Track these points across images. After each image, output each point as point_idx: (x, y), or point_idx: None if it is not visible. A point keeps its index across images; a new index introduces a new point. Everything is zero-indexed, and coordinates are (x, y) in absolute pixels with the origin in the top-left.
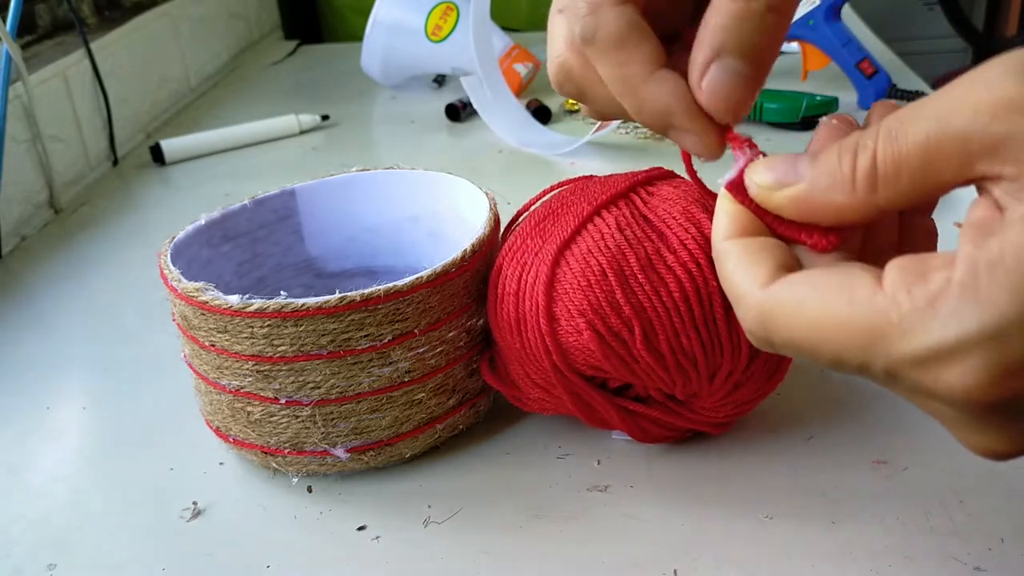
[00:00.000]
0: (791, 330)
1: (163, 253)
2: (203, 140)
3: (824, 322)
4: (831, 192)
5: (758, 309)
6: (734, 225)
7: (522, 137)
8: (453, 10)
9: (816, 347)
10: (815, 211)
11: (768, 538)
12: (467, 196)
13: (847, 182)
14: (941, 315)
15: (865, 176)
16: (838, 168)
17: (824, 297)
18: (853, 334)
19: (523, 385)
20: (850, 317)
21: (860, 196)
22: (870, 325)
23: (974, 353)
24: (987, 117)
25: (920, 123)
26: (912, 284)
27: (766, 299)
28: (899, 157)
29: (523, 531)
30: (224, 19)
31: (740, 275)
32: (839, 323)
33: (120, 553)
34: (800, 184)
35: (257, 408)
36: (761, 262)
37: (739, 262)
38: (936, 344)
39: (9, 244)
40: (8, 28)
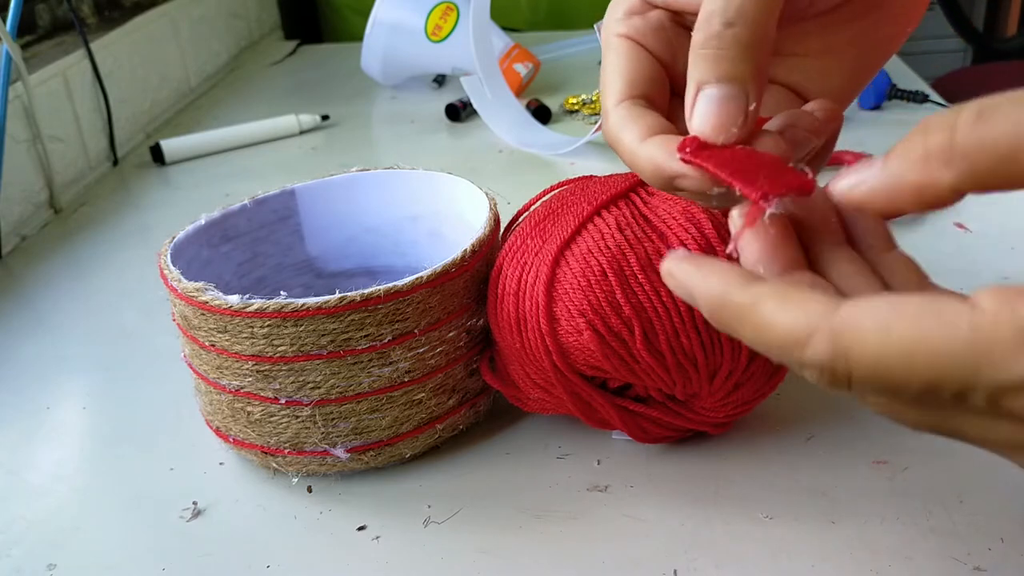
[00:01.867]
0: (879, 359)
1: (163, 253)
2: (203, 140)
3: (919, 347)
4: (905, 173)
5: (832, 339)
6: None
7: (522, 137)
8: (453, 10)
9: (909, 375)
10: (889, 198)
11: (768, 538)
12: (467, 196)
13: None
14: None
15: (941, 151)
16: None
17: (914, 319)
18: (956, 357)
19: (523, 385)
20: (950, 340)
21: (933, 171)
22: (974, 346)
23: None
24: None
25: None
26: (1016, 303)
27: (841, 327)
28: (983, 136)
29: (523, 531)
30: (224, 19)
31: (789, 314)
32: (937, 347)
33: (120, 553)
34: (877, 173)
35: (257, 408)
36: (812, 296)
37: (782, 304)
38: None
39: (9, 244)
40: (8, 28)
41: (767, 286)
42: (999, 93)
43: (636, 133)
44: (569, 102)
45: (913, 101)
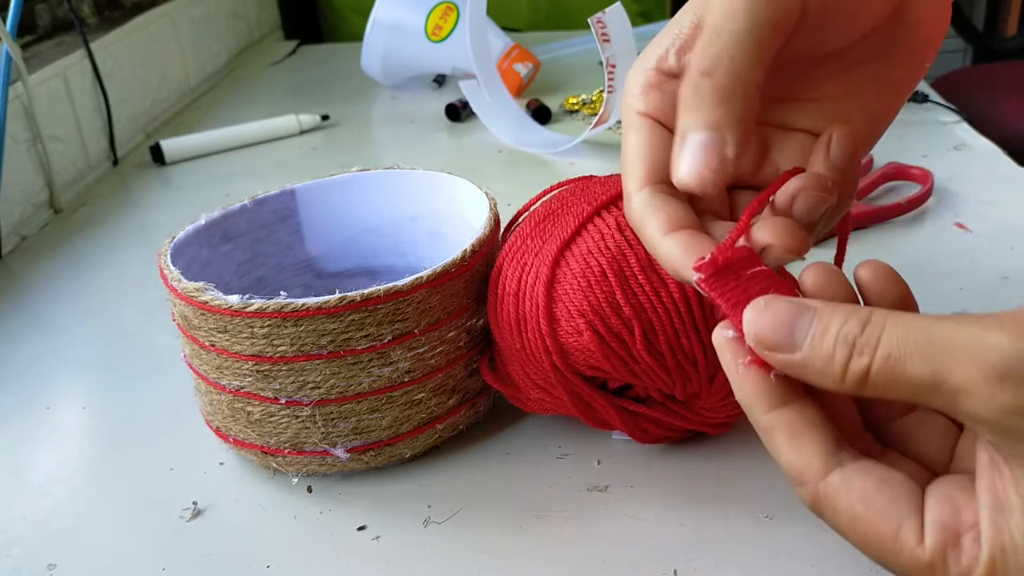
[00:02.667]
0: (844, 531)
1: (163, 253)
2: (203, 140)
3: (874, 544)
4: (822, 377)
5: (814, 498)
6: (770, 396)
7: (521, 138)
8: (453, 10)
9: (863, 550)
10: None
11: (768, 538)
12: (467, 196)
13: (838, 376)
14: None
15: (855, 380)
16: (832, 360)
17: (875, 524)
18: (900, 568)
19: (523, 385)
20: (898, 556)
21: (847, 390)
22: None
23: None
24: (981, 402)
25: (918, 364)
26: (948, 550)
27: (824, 493)
28: (892, 380)
29: (523, 531)
30: (224, 19)
31: (794, 458)
32: (887, 553)
33: (120, 553)
34: (795, 356)
35: (257, 408)
36: (814, 446)
37: (790, 444)
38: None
39: (9, 244)
40: (8, 28)
41: (783, 418)
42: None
43: (658, 224)
44: (569, 102)
45: (913, 101)
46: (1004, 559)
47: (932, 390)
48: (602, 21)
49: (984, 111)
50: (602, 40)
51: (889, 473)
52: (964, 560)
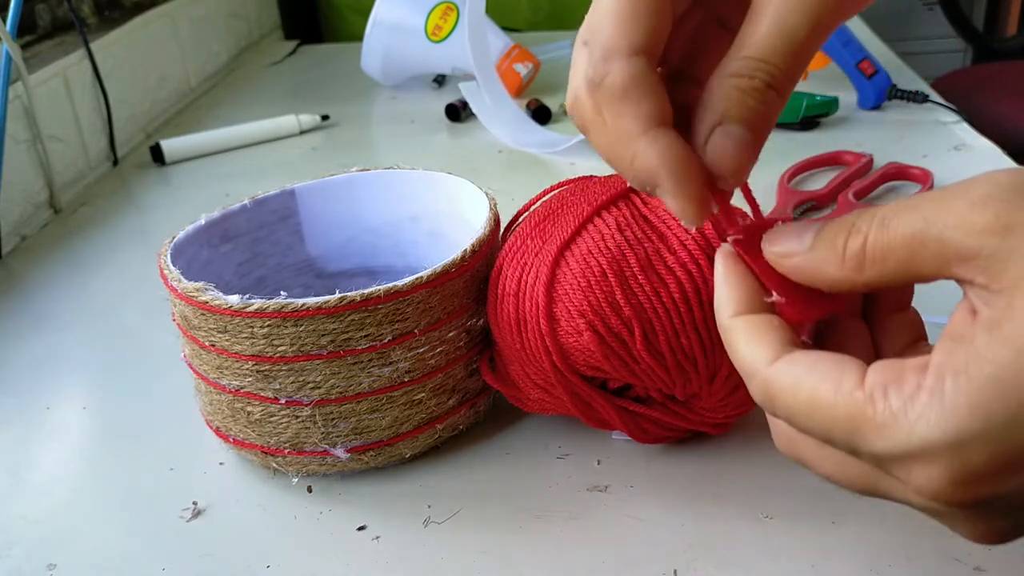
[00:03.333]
0: (788, 407)
1: (163, 253)
2: (203, 140)
3: (814, 404)
4: (826, 264)
5: (763, 384)
6: (738, 301)
7: (520, 138)
8: (453, 10)
9: (807, 424)
10: (812, 278)
11: (768, 538)
12: (467, 196)
13: (839, 259)
14: (909, 419)
15: (854, 256)
16: (833, 243)
17: (816, 383)
18: (838, 422)
19: (523, 385)
20: (835, 406)
21: (848, 273)
22: (851, 417)
23: (937, 459)
24: (964, 231)
25: (909, 219)
26: (888, 384)
27: (769, 375)
28: (886, 245)
29: (523, 531)
30: (224, 19)
31: (749, 352)
32: (825, 407)
33: (120, 553)
34: (802, 256)
35: (257, 408)
36: (767, 341)
37: (747, 338)
38: (903, 446)
39: (9, 244)
40: (8, 28)
41: (742, 320)
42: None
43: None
44: None
45: (913, 101)
46: (951, 382)
47: (922, 242)
48: None
49: (984, 111)
50: None
51: (837, 353)
52: (906, 388)
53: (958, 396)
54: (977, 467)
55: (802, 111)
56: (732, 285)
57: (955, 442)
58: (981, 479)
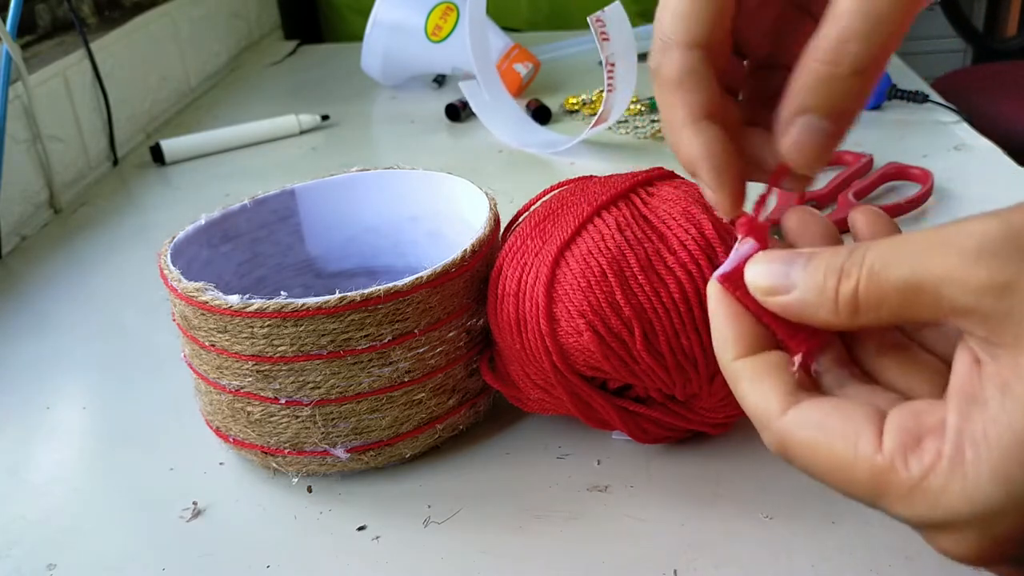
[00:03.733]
0: (805, 463)
1: (163, 253)
2: (203, 140)
3: (832, 466)
4: (818, 309)
5: (778, 438)
6: (738, 341)
7: (520, 138)
8: (453, 10)
9: (828, 482)
10: (804, 319)
11: (768, 538)
12: (467, 196)
13: (831, 303)
14: (933, 491)
15: (847, 303)
16: (823, 287)
17: (831, 442)
18: (860, 485)
19: (523, 385)
20: (855, 471)
21: (843, 318)
22: (874, 483)
23: (963, 531)
24: (959, 289)
25: (900, 266)
26: (908, 451)
27: (783, 430)
28: (880, 293)
29: (523, 531)
30: (224, 19)
31: (757, 400)
32: (846, 473)
33: (120, 553)
34: (792, 294)
35: (257, 408)
36: (774, 387)
37: (754, 386)
38: (928, 516)
39: (9, 244)
40: (8, 28)
41: (746, 365)
42: (889, 240)
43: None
44: (569, 102)
45: (913, 101)
46: (971, 452)
47: (916, 291)
48: (601, 20)
49: (984, 111)
50: (601, 39)
51: (844, 400)
52: (926, 458)
53: (980, 466)
54: (1005, 535)
55: None
56: (730, 323)
57: (982, 514)
58: (1009, 544)
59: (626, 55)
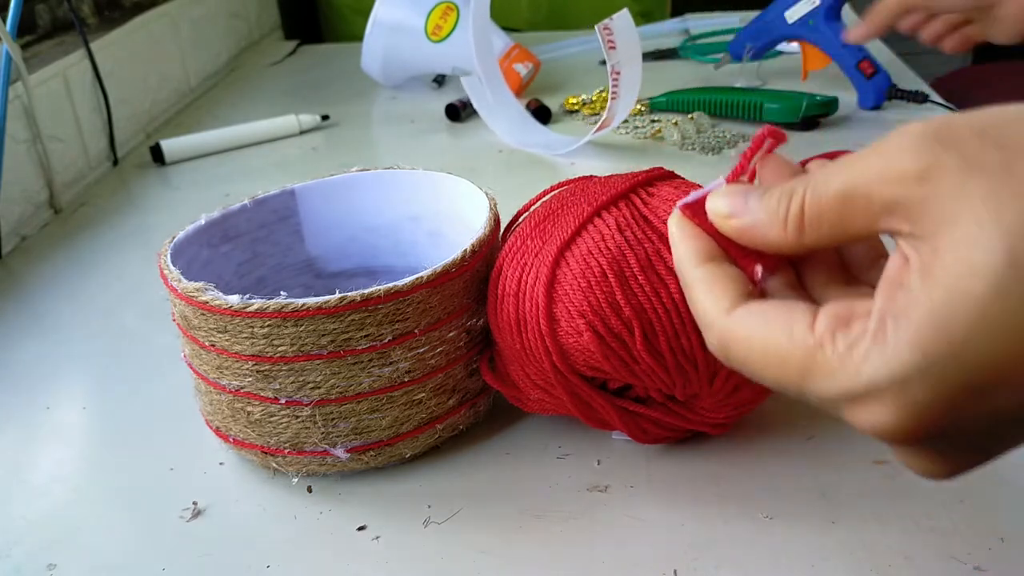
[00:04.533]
0: (742, 356)
1: (163, 253)
2: (203, 140)
3: (767, 352)
4: (768, 229)
5: (719, 334)
6: (698, 253)
7: (522, 137)
8: (453, 10)
9: (762, 373)
10: (756, 242)
11: (768, 538)
12: (467, 196)
13: (780, 223)
14: (855, 361)
15: (794, 220)
16: (775, 209)
17: (769, 330)
18: (789, 367)
19: (523, 386)
20: (787, 352)
21: (790, 236)
22: (802, 362)
23: (883, 398)
24: (883, 182)
25: (837, 180)
26: (836, 329)
27: (725, 326)
28: (820, 206)
29: (523, 531)
30: (224, 19)
31: (707, 303)
32: (778, 355)
33: (120, 553)
34: (746, 217)
35: (257, 408)
36: (724, 291)
37: (706, 289)
38: (850, 387)
39: (9, 244)
40: (8, 28)
41: (702, 271)
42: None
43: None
44: (569, 102)
45: (913, 101)
46: (892, 325)
47: (851, 198)
48: (609, 28)
49: None
50: (608, 47)
51: (790, 300)
52: (852, 334)
53: (899, 336)
54: (921, 403)
55: (802, 111)
56: (689, 240)
57: (899, 379)
58: (926, 415)
59: (632, 63)
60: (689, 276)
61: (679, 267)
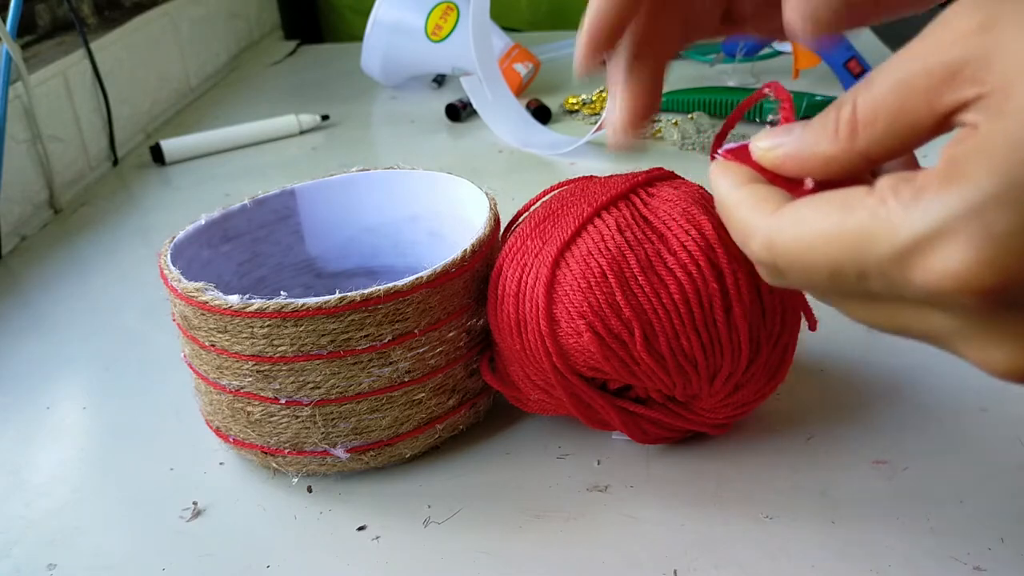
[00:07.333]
0: (792, 246)
1: (163, 253)
2: (203, 140)
3: (822, 232)
4: (817, 144)
5: (765, 235)
6: (739, 177)
7: (522, 137)
8: (453, 10)
9: (816, 260)
10: (805, 163)
11: (768, 538)
12: (467, 196)
13: (831, 132)
14: (924, 203)
15: (846, 123)
16: (823, 123)
17: (823, 210)
18: (847, 239)
19: (523, 386)
20: (843, 223)
21: (842, 143)
22: (861, 227)
23: (959, 233)
24: (945, 47)
25: (892, 67)
26: (899, 184)
27: (772, 223)
28: (875, 100)
29: (523, 531)
30: (224, 19)
31: (750, 213)
32: (834, 230)
33: (120, 553)
34: (791, 142)
35: (257, 408)
36: (769, 199)
37: (749, 205)
38: (921, 230)
39: (9, 244)
40: (8, 28)
41: (744, 192)
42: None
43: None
44: (569, 102)
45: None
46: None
47: (908, 84)
48: None
49: None
50: None
51: None
52: (918, 180)
53: (973, 167)
54: (1003, 233)
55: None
56: (729, 170)
57: (976, 207)
58: (1009, 246)
59: None
60: (729, 200)
61: (719, 200)
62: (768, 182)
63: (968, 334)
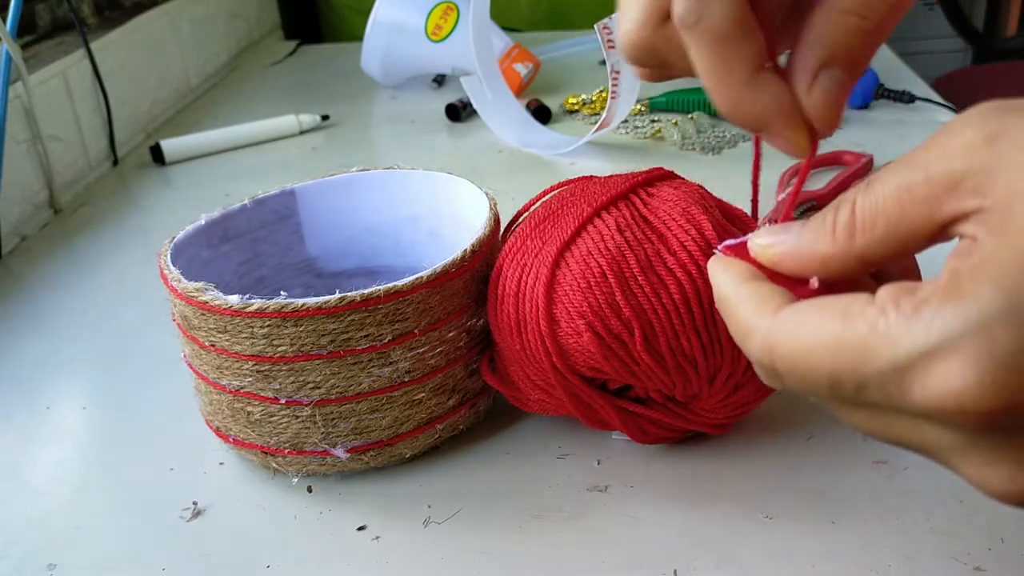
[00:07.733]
0: (791, 351)
1: (163, 253)
2: (203, 140)
3: (820, 339)
4: (815, 244)
5: (764, 335)
6: (739, 275)
7: (522, 137)
8: (453, 10)
9: (814, 368)
10: (803, 262)
11: (768, 538)
12: (467, 196)
13: (828, 233)
14: (925, 318)
15: (845, 226)
16: (822, 223)
17: (822, 316)
18: (846, 349)
19: (523, 386)
20: (843, 333)
21: (840, 245)
22: (861, 338)
23: (961, 351)
24: (948, 156)
25: (893, 172)
26: (900, 297)
27: (772, 325)
28: (875, 204)
29: (523, 531)
30: (224, 19)
31: (750, 311)
32: (833, 339)
33: (120, 553)
34: (789, 240)
35: (257, 408)
36: (770, 298)
37: (749, 302)
38: (922, 346)
39: (9, 244)
40: (8, 28)
41: (744, 289)
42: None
43: None
44: (569, 102)
45: (900, 101)
46: (969, 276)
47: (909, 188)
48: (608, 27)
49: None
50: (607, 46)
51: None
52: (920, 294)
53: (976, 285)
54: (1005, 353)
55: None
56: (729, 266)
57: (981, 323)
58: (1011, 365)
59: None
60: (730, 297)
61: (719, 296)
62: (768, 279)
63: (965, 452)
